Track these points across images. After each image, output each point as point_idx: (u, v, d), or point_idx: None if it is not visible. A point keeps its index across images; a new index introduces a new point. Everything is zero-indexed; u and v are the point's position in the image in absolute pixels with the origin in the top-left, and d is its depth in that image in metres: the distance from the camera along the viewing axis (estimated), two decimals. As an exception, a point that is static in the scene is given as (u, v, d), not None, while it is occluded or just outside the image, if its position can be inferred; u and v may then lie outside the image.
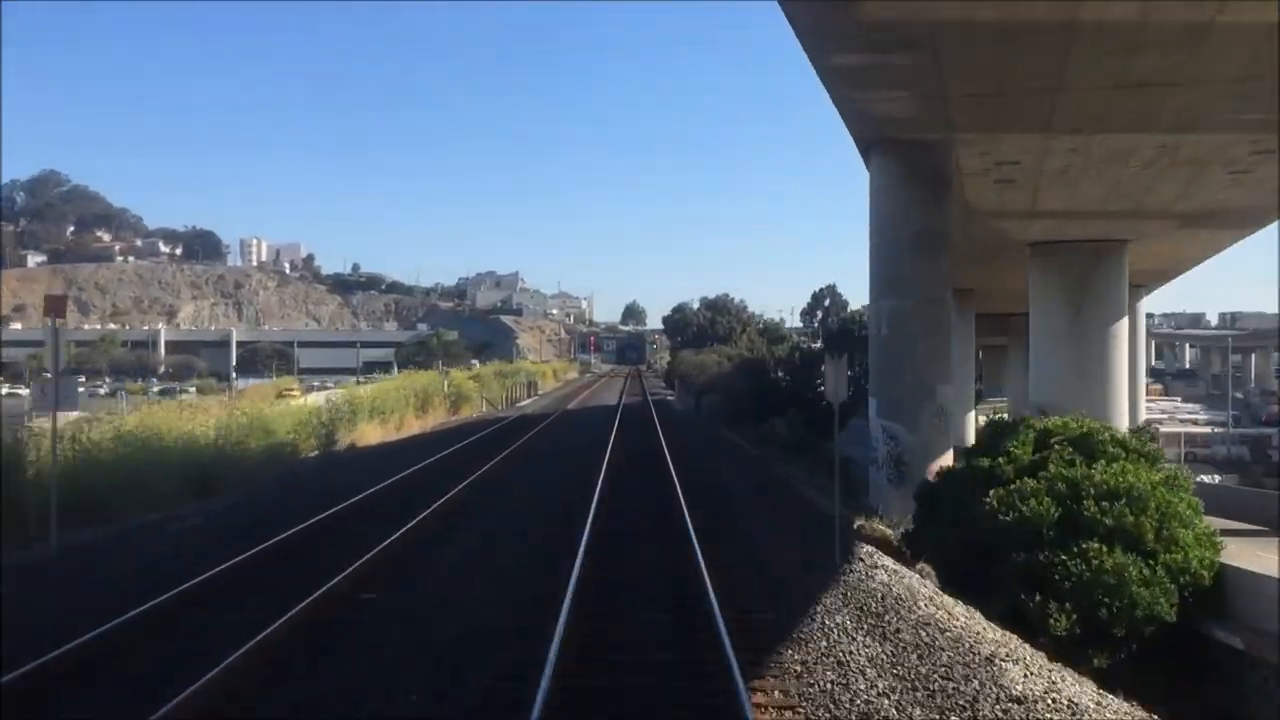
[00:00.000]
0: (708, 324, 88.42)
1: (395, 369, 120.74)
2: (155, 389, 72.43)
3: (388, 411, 39.37)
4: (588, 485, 19.94)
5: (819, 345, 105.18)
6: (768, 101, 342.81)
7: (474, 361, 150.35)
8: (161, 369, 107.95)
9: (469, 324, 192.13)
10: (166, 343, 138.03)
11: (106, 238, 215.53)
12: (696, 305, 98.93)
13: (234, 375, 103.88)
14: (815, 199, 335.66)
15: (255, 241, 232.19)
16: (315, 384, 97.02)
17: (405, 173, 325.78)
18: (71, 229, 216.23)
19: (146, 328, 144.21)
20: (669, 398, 71.53)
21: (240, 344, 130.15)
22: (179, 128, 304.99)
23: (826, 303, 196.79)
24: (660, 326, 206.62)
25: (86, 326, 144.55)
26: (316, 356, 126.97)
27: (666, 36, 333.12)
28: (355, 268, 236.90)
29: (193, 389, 69.46)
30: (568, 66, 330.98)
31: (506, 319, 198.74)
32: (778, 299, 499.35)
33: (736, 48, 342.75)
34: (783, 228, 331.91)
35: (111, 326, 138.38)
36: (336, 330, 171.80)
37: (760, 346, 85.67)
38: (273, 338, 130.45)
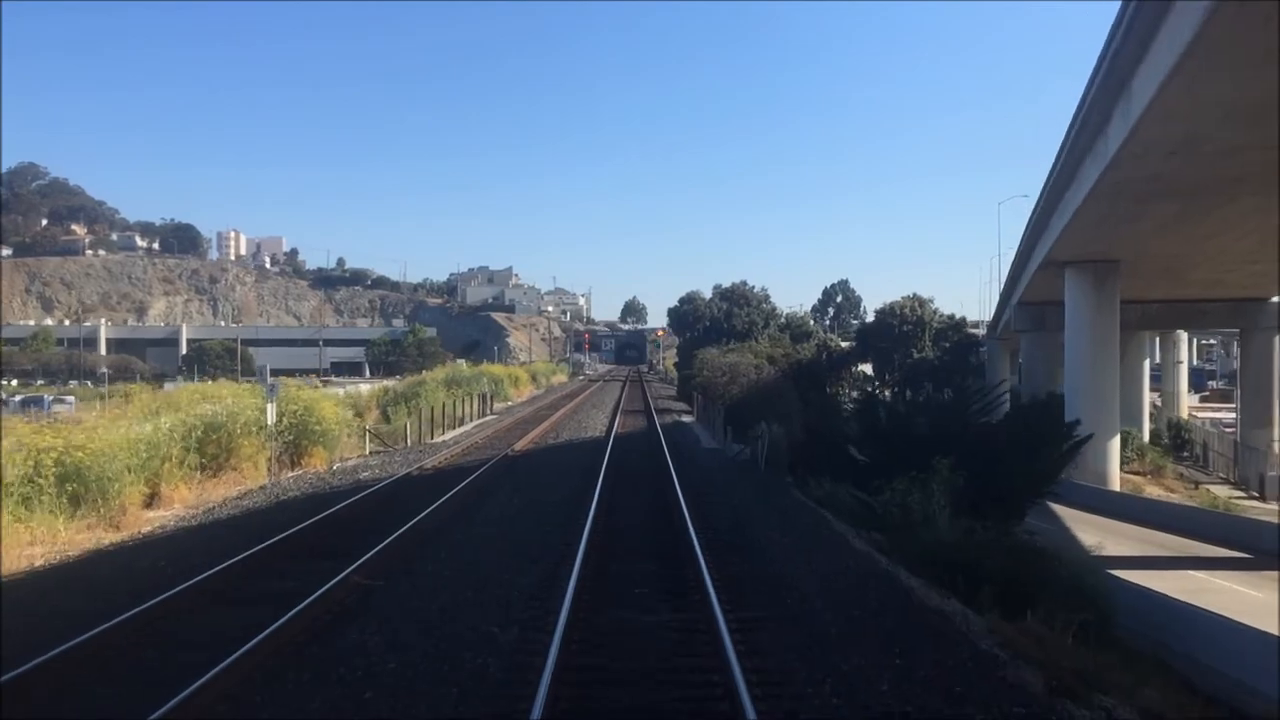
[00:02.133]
0: (723, 316, 74.36)
1: (367, 370, 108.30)
2: (17, 397, 57.38)
3: (106, 480, 17.16)
4: None
5: (847, 344, 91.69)
6: (770, 94, 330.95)
7: (459, 361, 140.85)
8: (102, 369, 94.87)
9: (458, 321, 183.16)
10: (110, 340, 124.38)
11: (80, 231, 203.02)
12: (709, 295, 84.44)
13: (180, 374, 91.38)
14: (819, 195, 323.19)
15: (233, 234, 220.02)
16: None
17: (395, 166, 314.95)
18: (45, 222, 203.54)
19: (88, 324, 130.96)
20: (684, 418, 48.90)
21: (192, 342, 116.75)
22: (162, 121, 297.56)
23: (839, 299, 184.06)
24: (662, 325, 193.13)
25: (47, 322, 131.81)
26: (281, 356, 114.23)
27: (665, 29, 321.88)
28: (340, 262, 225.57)
29: (70, 399, 54.69)
30: (565, 59, 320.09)
31: (498, 316, 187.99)
32: (784, 296, 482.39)
33: (734, 44, 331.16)
34: (786, 224, 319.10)
35: (48, 322, 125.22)
36: (302, 327, 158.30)
37: (784, 343, 72.67)
38: (224, 335, 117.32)
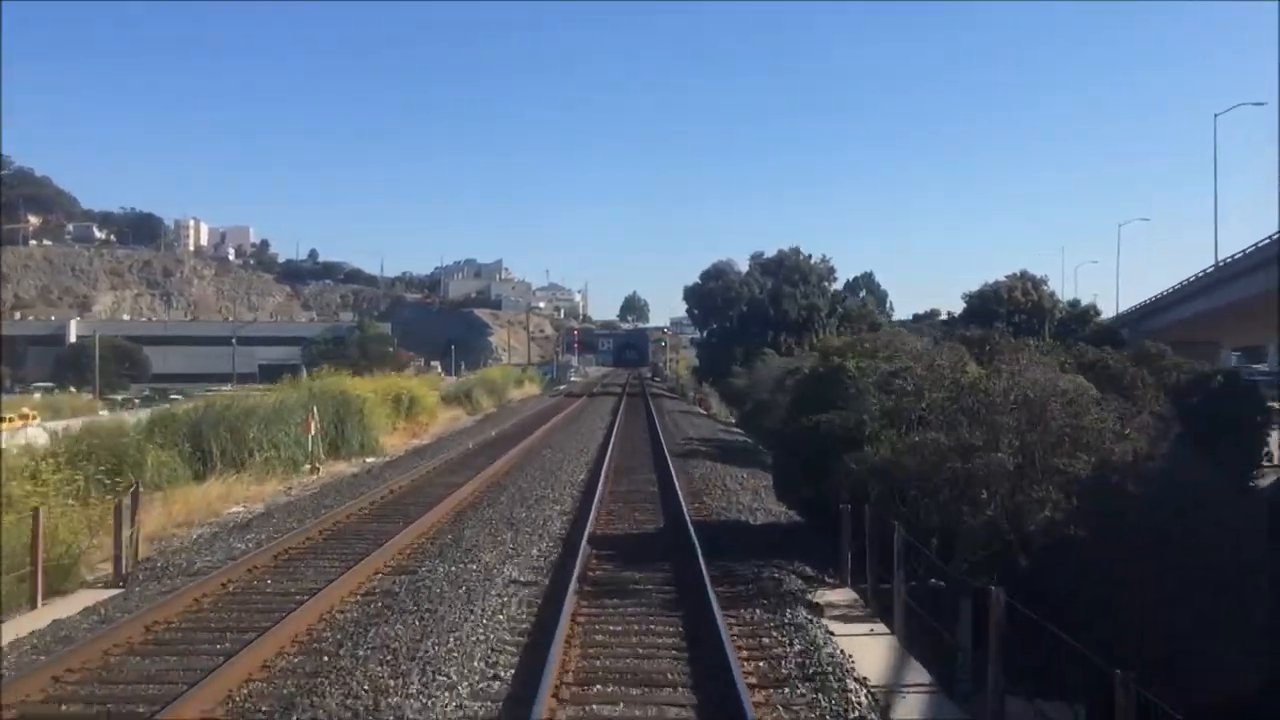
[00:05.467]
0: (767, 299, 51.76)
1: (305, 374, 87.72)
2: None
3: None
4: None
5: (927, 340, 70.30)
6: (773, 82, 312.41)
7: (434, 364, 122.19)
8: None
9: (438, 318, 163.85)
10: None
11: (35, 221, 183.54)
12: (745, 268, 60.97)
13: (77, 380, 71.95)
14: (825, 192, 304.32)
15: (193, 223, 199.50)
16: (177, 395, 65.31)
17: (376, 154, 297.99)
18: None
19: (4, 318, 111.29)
20: (824, 599, 11.82)
21: (82, 339, 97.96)
22: (131, 107, 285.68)
23: (862, 293, 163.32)
24: (664, 324, 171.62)
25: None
26: (196, 358, 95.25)
27: (668, 20, 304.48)
28: (312, 254, 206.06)
29: None
30: (560, 42, 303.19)
31: (482, 313, 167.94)
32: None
33: (735, 42, 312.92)
34: (790, 221, 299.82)
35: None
36: (223, 324, 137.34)
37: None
38: (129, 331, 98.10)
